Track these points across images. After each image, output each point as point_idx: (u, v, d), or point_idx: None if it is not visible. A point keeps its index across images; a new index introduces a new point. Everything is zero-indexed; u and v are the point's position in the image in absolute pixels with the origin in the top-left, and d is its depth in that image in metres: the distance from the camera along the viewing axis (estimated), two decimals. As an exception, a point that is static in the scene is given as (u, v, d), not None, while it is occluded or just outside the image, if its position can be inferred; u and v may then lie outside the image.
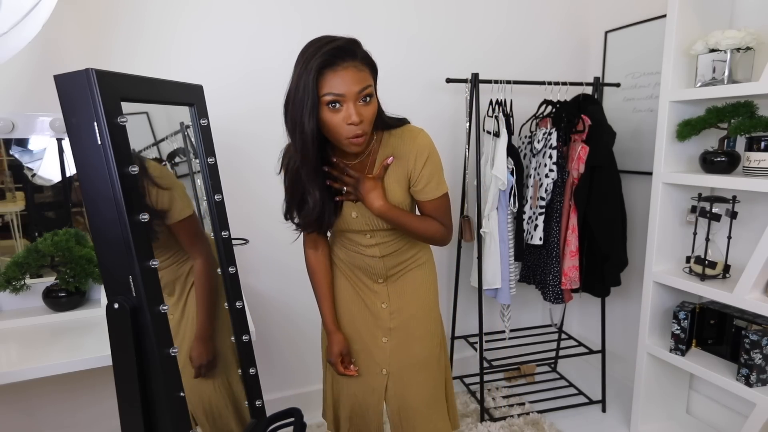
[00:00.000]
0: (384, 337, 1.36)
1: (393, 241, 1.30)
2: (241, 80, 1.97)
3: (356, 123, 1.04)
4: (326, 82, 1.02)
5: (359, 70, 1.04)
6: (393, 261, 1.33)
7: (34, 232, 1.68)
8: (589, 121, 2.04)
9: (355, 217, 1.24)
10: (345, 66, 1.02)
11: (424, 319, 1.39)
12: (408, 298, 1.37)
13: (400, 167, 1.20)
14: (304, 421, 1.46)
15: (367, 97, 1.06)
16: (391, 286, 1.37)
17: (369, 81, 1.06)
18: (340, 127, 1.05)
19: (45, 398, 1.85)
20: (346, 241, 1.34)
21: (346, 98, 1.03)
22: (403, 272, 1.36)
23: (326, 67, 1.01)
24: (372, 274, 1.35)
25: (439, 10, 2.24)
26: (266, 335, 2.18)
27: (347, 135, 1.06)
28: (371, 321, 1.37)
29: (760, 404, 1.59)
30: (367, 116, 1.07)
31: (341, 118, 1.04)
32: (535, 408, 2.26)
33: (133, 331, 0.95)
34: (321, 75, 1.02)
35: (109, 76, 0.91)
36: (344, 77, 1.02)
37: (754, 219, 1.83)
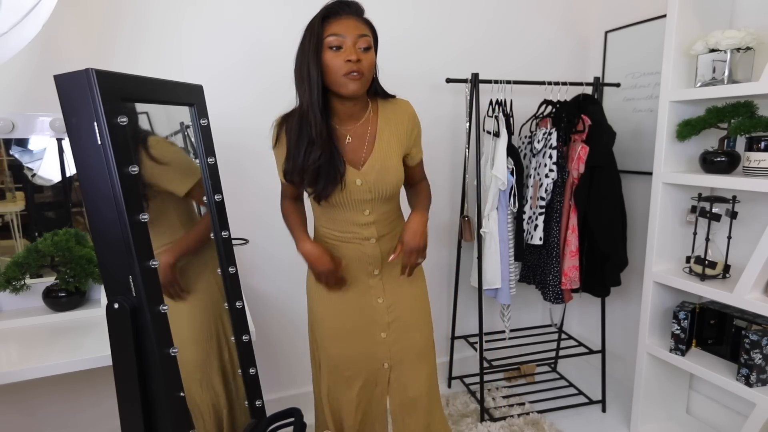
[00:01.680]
0: (383, 333, 1.38)
1: (388, 219, 1.35)
2: (241, 80, 1.97)
3: (354, 60, 1.13)
4: (330, 26, 1.15)
5: (360, 22, 1.17)
6: (388, 245, 1.35)
7: (34, 232, 1.68)
8: (589, 121, 2.04)
9: (359, 185, 1.25)
10: (347, 15, 1.16)
11: (420, 309, 1.43)
12: (405, 290, 1.40)
13: (400, 133, 1.30)
14: (304, 421, 1.46)
15: (365, 47, 1.17)
16: (386, 278, 1.38)
17: (368, 33, 1.18)
18: (340, 67, 1.14)
19: (45, 398, 1.85)
20: (341, 225, 1.32)
21: (346, 40, 1.14)
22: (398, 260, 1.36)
23: (331, 15, 1.16)
24: (368, 264, 1.35)
25: (439, 10, 2.24)
26: (266, 335, 2.18)
27: (346, 71, 1.14)
28: (368, 319, 1.38)
29: (760, 404, 1.59)
30: (365, 61, 1.16)
31: (342, 58, 1.14)
32: (535, 408, 2.26)
33: (133, 331, 0.95)
34: (326, 21, 1.15)
35: (109, 76, 0.91)
36: (346, 23, 1.15)
37: (754, 219, 1.83)
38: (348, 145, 1.25)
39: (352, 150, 1.26)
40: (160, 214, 1.37)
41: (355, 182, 1.25)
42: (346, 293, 1.38)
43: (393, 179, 1.28)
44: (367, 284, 1.38)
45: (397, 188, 1.33)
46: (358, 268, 1.37)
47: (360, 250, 1.34)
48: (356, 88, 1.17)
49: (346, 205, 1.28)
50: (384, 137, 1.28)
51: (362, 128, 1.27)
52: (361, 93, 1.21)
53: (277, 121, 1.30)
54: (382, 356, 1.39)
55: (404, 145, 1.31)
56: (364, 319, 1.39)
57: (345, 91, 1.18)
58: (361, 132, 1.27)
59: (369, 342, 1.39)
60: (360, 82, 1.17)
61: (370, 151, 1.26)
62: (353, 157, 1.26)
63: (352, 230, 1.32)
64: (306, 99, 1.19)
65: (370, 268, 1.36)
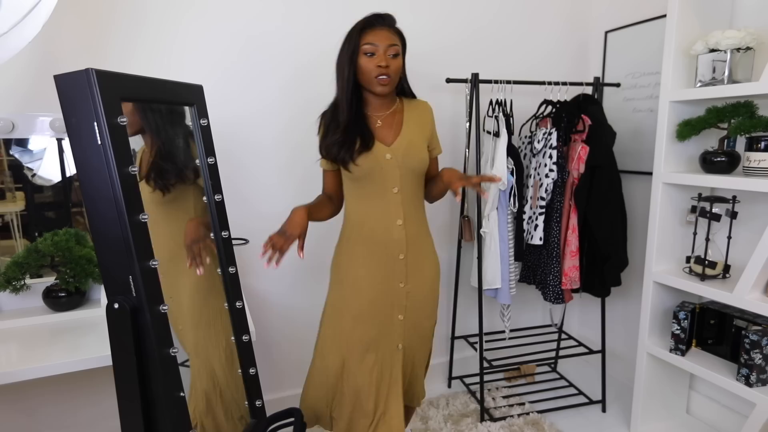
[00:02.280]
0: (400, 315, 1.53)
1: (413, 202, 1.51)
2: (241, 80, 1.97)
3: (384, 66, 1.37)
4: (366, 36, 1.39)
5: (391, 33, 1.41)
6: (413, 229, 1.51)
7: (34, 232, 1.68)
8: (589, 121, 2.04)
9: (389, 159, 1.44)
10: (381, 27, 1.40)
11: (433, 299, 1.62)
12: (424, 277, 1.56)
13: (422, 125, 1.53)
14: (304, 421, 1.46)
15: (394, 54, 1.40)
16: (410, 261, 1.51)
17: (397, 42, 1.41)
18: (372, 70, 1.38)
19: (45, 398, 1.85)
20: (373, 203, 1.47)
21: (379, 48, 1.38)
22: (419, 242, 1.53)
23: (368, 26, 1.40)
24: (394, 248, 1.49)
25: (439, 10, 2.24)
26: (266, 335, 2.18)
27: (376, 74, 1.38)
28: (389, 301, 1.52)
29: (760, 404, 1.59)
30: (393, 66, 1.40)
31: (374, 63, 1.38)
32: (535, 408, 2.26)
33: (133, 331, 0.95)
34: (364, 30, 1.39)
35: (109, 76, 0.91)
36: (380, 34, 1.39)
37: (754, 219, 1.83)
38: (378, 128, 1.47)
39: (382, 131, 1.47)
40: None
41: (385, 156, 1.44)
42: (372, 278, 1.50)
43: (419, 157, 1.48)
44: (393, 269, 1.50)
45: (423, 167, 1.51)
46: (386, 251, 1.49)
47: (388, 233, 1.48)
48: (384, 89, 1.41)
49: (378, 178, 1.45)
50: (410, 124, 1.50)
51: (391, 116, 1.50)
52: (388, 92, 1.44)
53: (321, 114, 1.53)
54: (397, 338, 1.53)
55: (426, 135, 1.54)
56: (386, 302, 1.51)
57: (375, 90, 1.42)
58: (389, 119, 1.49)
59: (388, 323, 1.52)
60: (388, 84, 1.41)
61: (398, 133, 1.48)
62: (383, 136, 1.46)
63: (382, 207, 1.47)
64: (340, 91, 1.44)
65: (396, 251, 1.49)
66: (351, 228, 1.53)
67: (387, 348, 1.52)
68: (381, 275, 1.50)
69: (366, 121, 1.46)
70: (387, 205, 1.47)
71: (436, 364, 2.52)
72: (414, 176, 1.49)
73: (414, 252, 1.51)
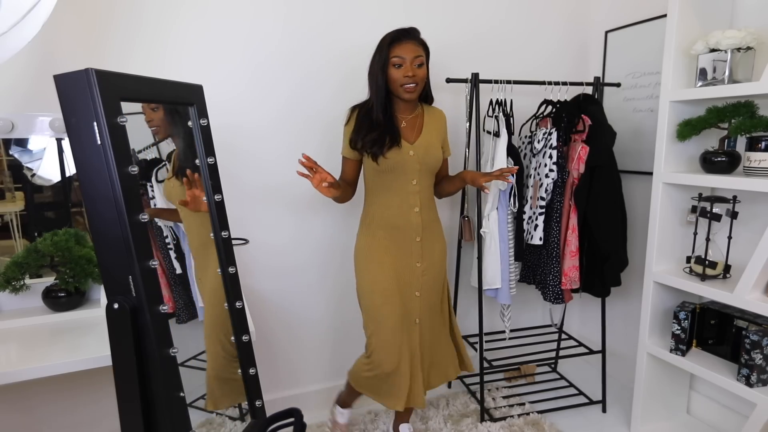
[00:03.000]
0: (417, 291, 1.75)
1: (428, 194, 1.74)
2: (240, 79, 1.97)
3: (410, 76, 1.59)
4: (394, 49, 1.60)
5: (416, 46, 1.61)
6: (427, 216, 1.74)
7: (34, 232, 1.67)
8: (589, 121, 2.03)
9: (411, 155, 1.66)
10: (407, 41, 1.60)
11: (442, 277, 1.83)
12: (436, 258, 1.78)
13: (438, 129, 1.76)
14: (304, 422, 1.46)
15: (419, 64, 1.61)
16: (425, 243, 1.74)
17: (422, 54, 1.62)
18: (400, 79, 1.60)
19: (45, 398, 1.85)
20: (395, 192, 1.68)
21: (406, 60, 1.59)
22: (432, 227, 1.77)
23: (395, 40, 1.60)
24: (412, 231, 1.71)
25: (439, 10, 2.24)
26: (266, 335, 2.18)
27: (403, 83, 1.60)
28: (408, 279, 1.73)
29: (760, 404, 1.58)
30: (418, 75, 1.61)
31: (402, 73, 1.59)
32: (535, 408, 2.26)
33: (133, 331, 0.95)
34: (392, 45, 1.60)
35: (109, 76, 0.91)
36: (406, 47, 1.60)
37: (754, 219, 1.82)
38: (403, 128, 1.69)
39: (406, 131, 1.69)
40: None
41: (409, 152, 1.66)
42: (393, 258, 1.72)
43: (435, 155, 1.72)
44: (410, 250, 1.73)
45: (438, 164, 1.74)
46: (405, 236, 1.72)
47: (407, 219, 1.70)
48: (411, 96, 1.64)
49: (401, 171, 1.66)
50: (429, 127, 1.73)
51: (413, 119, 1.72)
52: (414, 98, 1.66)
53: (351, 108, 1.72)
54: (415, 313, 1.75)
55: (441, 138, 1.77)
56: (405, 280, 1.73)
57: (403, 97, 1.64)
58: (413, 121, 1.72)
59: (408, 300, 1.74)
60: (414, 91, 1.63)
61: (419, 134, 1.71)
62: (407, 136, 1.69)
63: (402, 197, 1.69)
64: (374, 97, 1.65)
65: (413, 234, 1.72)
66: (373, 215, 1.74)
67: (408, 322, 1.74)
68: (401, 256, 1.72)
69: (395, 122, 1.68)
70: (407, 195, 1.69)
71: (436, 364, 2.52)
72: (429, 171, 1.72)
73: (428, 235, 1.75)
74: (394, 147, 1.63)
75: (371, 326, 1.72)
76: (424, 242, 1.73)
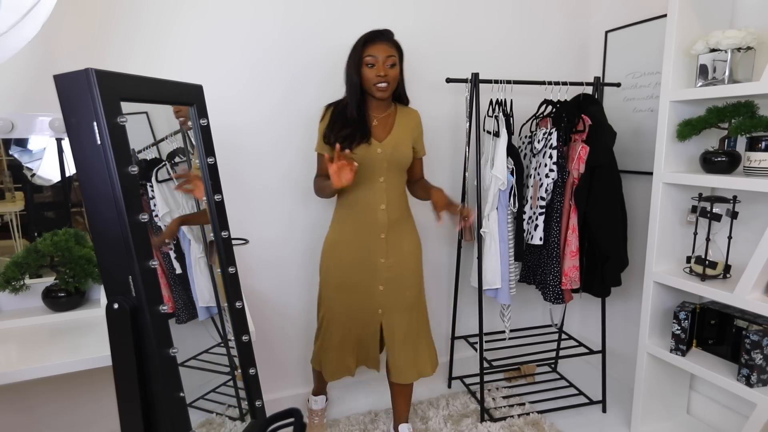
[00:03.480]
0: (381, 285, 1.79)
1: (396, 192, 1.77)
2: (240, 79, 1.97)
3: (382, 75, 1.64)
4: (367, 49, 1.65)
5: (389, 46, 1.66)
6: (394, 214, 1.76)
7: (34, 232, 1.67)
8: (589, 120, 2.03)
9: (379, 153, 1.71)
10: (380, 42, 1.66)
11: (414, 273, 1.84)
12: (404, 255, 1.81)
13: (410, 129, 1.80)
14: (304, 422, 1.46)
15: (392, 64, 1.66)
16: (390, 240, 1.77)
17: (394, 54, 1.67)
18: (372, 78, 1.65)
19: (44, 398, 1.85)
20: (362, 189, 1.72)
21: (378, 60, 1.64)
22: (400, 224, 1.79)
23: (369, 41, 1.66)
24: (377, 227, 1.75)
25: (439, 10, 2.24)
26: (266, 335, 2.18)
27: (376, 82, 1.65)
28: (370, 274, 1.78)
29: (760, 405, 1.58)
30: (390, 75, 1.66)
31: (374, 72, 1.65)
32: (535, 408, 2.26)
33: (133, 331, 0.95)
34: (365, 45, 1.66)
35: (109, 76, 0.91)
36: (379, 47, 1.65)
37: (754, 219, 1.82)
38: (375, 126, 1.74)
39: (377, 129, 1.74)
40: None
41: (377, 150, 1.71)
42: (356, 253, 1.77)
43: (404, 154, 1.75)
44: (375, 245, 1.76)
45: (406, 163, 1.78)
46: (370, 231, 1.75)
47: (373, 215, 1.74)
48: (383, 94, 1.68)
49: (368, 168, 1.70)
50: (399, 127, 1.77)
51: (386, 118, 1.77)
52: (386, 97, 1.71)
53: (326, 105, 1.78)
54: (376, 303, 1.80)
55: (412, 138, 1.80)
56: (367, 275, 1.78)
57: (375, 95, 1.69)
58: (384, 120, 1.77)
59: (368, 293, 1.79)
60: (386, 90, 1.67)
61: (389, 133, 1.75)
62: (377, 134, 1.73)
63: (369, 193, 1.73)
64: (349, 95, 1.71)
65: (378, 230, 1.75)
66: (342, 211, 1.80)
67: (367, 311, 1.81)
68: (364, 251, 1.77)
69: (367, 120, 1.72)
70: (374, 192, 1.73)
71: (436, 364, 2.53)
72: (398, 169, 1.76)
73: (394, 232, 1.78)
74: (363, 143, 1.67)
75: (321, 312, 1.88)
76: (390, 239, 1.77)
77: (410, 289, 1.83)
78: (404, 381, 1.84)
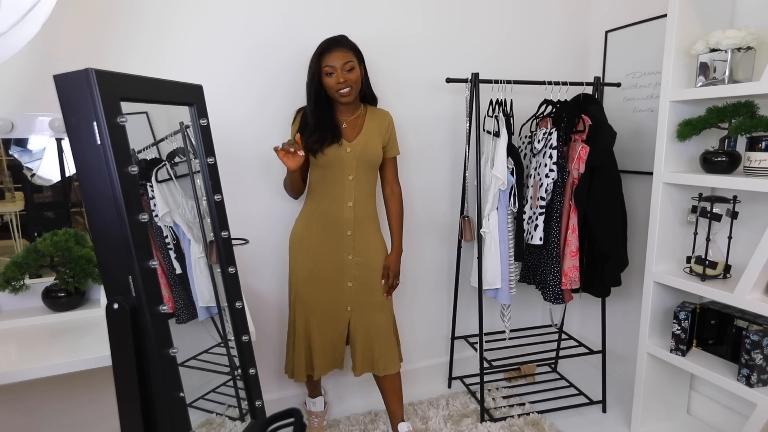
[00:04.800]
0: (349, 282, 1.84)
1: (364, 191, 1.82)
2: (240, 79, 1.97)
3: (342, 82, 1.69)
4: (324, 59, 1.70)
5: (345, 52, 1.70)
6: (361, 212, 1.81)
7: (34, 232, 1.67)
8: (589, 120, 2.03)
9: (348, 152, 1.76)
10: (335, 49, 1.70)
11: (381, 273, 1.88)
12: (371, 253, 1.85)
13: (380, 129, 1.84)
14: (304, 422, 1.45)
15: (350, 69, 1.70)
16: (357, 238, 1.82)
17: (351, 58, 1.71)
18: (334, 86, 1.70)
19: (44, 398, 1.85)
20: (331, 185, 1.78)
21: (336, 68, 1.69)
22: (366, 223, 1.83)
23: (324, 51, 1.71)
24: (343, 224, 1.80)
25: (439, 10, 2.24)
26: (266, 335, 2.18)
27: (337, 89, 1.70)
28: (338, 270, 1.83)
29: (760, 405, 1.58)
30: (350, 78, 1.70)
31: (334, 80, 1.69)
32: (535, 408, 2.26)
33: (133, 331, 0.95)
34: (321, 56, 1.71)
35: (109, 76, 0.91)
36: (335, 56, 1.69)
37: (755, 219, 1.82)
38: (344, 129, 1.79)
39: (347, 131, 1.79)
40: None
41: (347, 149, 1.76)
42: (323, 248, 1.82)
43: (374, 152, 1.80)
44: (342, 242, 1.81)
45: (376, 161, 1.83)
46: (336, 227, 1.80)
47: (340, 212, 1.79)
48: (347, 99, 1.73)
49: (338, 167, 1.76)
50: (369, 128, 1.82)
51: (354, 120, 1.82)
52: (351, 100, 1.75)
53: (297, 110, 1.84)
54: (346, 300, 1.85)
55: (382, 138, 1.84)
56: (336, 270, 1.83)
57: (340, 101, 1.74)
58: (353, 122, 1.82)
59: (337, 288, 1.84)
60: (349, 94, 1.72)
61: (359, 133, 1.80)
62: (347, 135, 1.78)
63: (338, 191, 1.78)
64: (309, 105, 1.77)
65: (345, 227, 1.80)
66: (310, 206, 1.84)
67: (336, 307, 1.85)
68: (331, 247, 1.82)
69: (337, 123, 1.78)
70: (342, 190, 1.78)
71: (436, 364, 2.52)
72: (367, 168, 1.81)
73: (361, 230, 1.82)
74: (333, 144, 1.73)
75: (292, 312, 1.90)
76: (357, 236, 1.81)
77: (379, 288, 1.87)
78: (392, 371, 1.89)
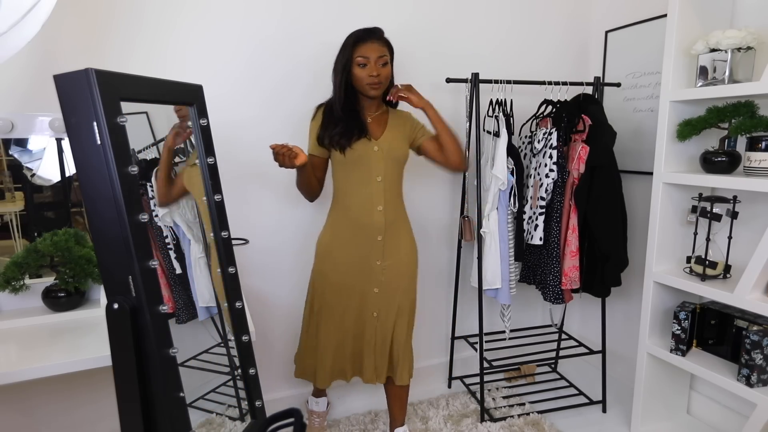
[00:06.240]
0: (376, 288, 1.78)
1: (393, 192, 1.75)
2: (240, 79, 1.97)
3: (375, 75, 1.63)
4: (358, 49, 1.63)
5: (380, 45, 1.64)
6: (392, 216, 1.74)
7: (34, 232, 1.67)
8: (589, 120, 2.03)
9: (376, 150, 1.69)
10: (372, 41, 1.63)
11: (410, 277, 1.83)
12: (401, 256, 1.79)
13: (403, 129, 1.77)
14: (304, 422, 1.45)
15: (384, 63, 1.65)
16: (387, 242, 1.75)
17: (386, 53, 1.66)
18: (365, 78, 1.64)
19: (44, 398, 1.85)
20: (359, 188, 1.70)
21: (370, 60, 1.62)
22: (397, 226, 1.77)
23: (360, 40, 1.63)
24: (374, 229, 1.72)
25: (439, 10, 2.24)
26: (266, 335, 2.18)
27: (369, 81, 1.63)
28: (366, 276, 1.77)
29: (760, 405, 1.58)
30: (382, 73, 1.65)
31: (366, 72, 1.63)
32: (535, 408, 2.26)
33: (133, 331, 0.95)
34: (356, 45, 1.63)
35: (109, 76, 0.91)
36: (370, 47, 1.63)
37: (754, 219, 1.82)
38: (369, 124, 1.72)
39: (372, 127, 1.72)
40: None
41: (373, 148, 1.69)
42: (352, 257, 1.75)
43: (400, 152, 1.74)
44: (371, 248, 1.74)
45: (403, 161, 1.76)
46: (367, 234, 1.73)
47: (370, 217, 1.71)
48: (376, 93, 1.68)
49: (365, 166, 1.69)
50: (393, 125, 1.76)
51: (379, 117, 1.76)
52: (379, 95, 1.70)
53: (318, 105, 1.76)
54: (372, 306, 1.79)
55: (407, 136, 1.77)
56: (363, 277, 1.76)
57: (369, 94, 1.67)
58: (378, 119, 1.75)
59: (364, 295, 1.78)
60: (379, 88, 1.67)
61: (384, 131, 1.73)
62: (372, 132, 1.71)
63: (367, 194, 1.70)
64: (335, 94, 1.69)
65: (375, 233, 1.73)
66: (338, 212, 1.77)
67: (364, 315, 1.80)
68: (360, 254, 1.75)
69: (362, 117, 1.71)
70: (370, 192, 1.71)
71: (436, 364, 2.52)
72: (395, 167, 1.74)
73: (391, 234, 1.75)
74: (362, 138, 1.66)
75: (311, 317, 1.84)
76: (387, 240, 1.75)
77: (404, 293, 1.81)
78: (404, 382, 1.85)
